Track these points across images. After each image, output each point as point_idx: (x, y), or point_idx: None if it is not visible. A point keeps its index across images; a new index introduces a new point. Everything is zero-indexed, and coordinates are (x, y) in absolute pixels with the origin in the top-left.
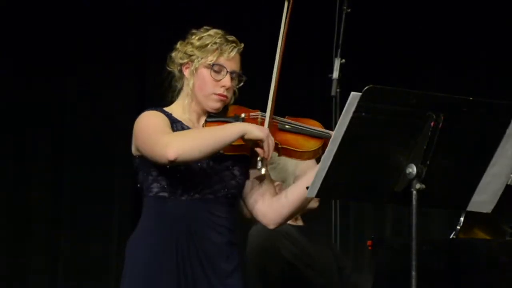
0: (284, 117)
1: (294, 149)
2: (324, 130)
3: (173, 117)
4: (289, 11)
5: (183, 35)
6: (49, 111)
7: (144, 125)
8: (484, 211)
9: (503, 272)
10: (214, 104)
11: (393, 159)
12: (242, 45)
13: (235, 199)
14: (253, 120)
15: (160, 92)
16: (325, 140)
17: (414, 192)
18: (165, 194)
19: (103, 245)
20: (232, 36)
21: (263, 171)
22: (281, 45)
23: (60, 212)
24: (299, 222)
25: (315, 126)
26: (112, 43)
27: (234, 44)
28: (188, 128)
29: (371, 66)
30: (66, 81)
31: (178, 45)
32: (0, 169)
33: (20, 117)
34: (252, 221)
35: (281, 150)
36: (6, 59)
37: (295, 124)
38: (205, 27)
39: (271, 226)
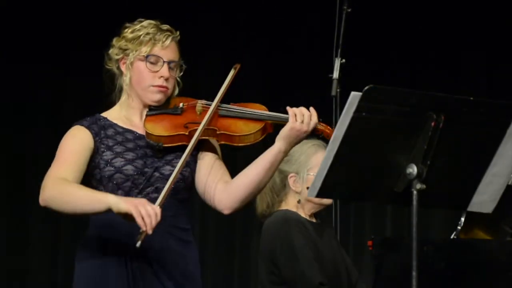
0: (228, 104)
1: (232, 133)
2: (266, 112)
3: (107, 121)
4: (232, 77)
5: (183, 35)
6: (49, 111)
7: (59, 147)
8: (485, 211)
9: (503, 272)
10: (153, 96)
11: (393, 159)
12: (178, 33)
13: (184, 193)
14: (192, 108)
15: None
16: (265, 122)
17: (415, 192)
18: None
19: None
20: (166, 25)
21: (138, 244)
22: (216, 102)
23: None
24: (313, 219)
25: (258, 109)
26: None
27: (168, 33)
28: (124, 129)
29: (371, 66)
30: (66, 81)
31: (113, 41)
32: (0, 168)
33: (20, 117)
34: (261, 216)
35: (220, 136)
36: (6, 59)
37: (235, 109)
38: (138, 19)
39: (226, 211)
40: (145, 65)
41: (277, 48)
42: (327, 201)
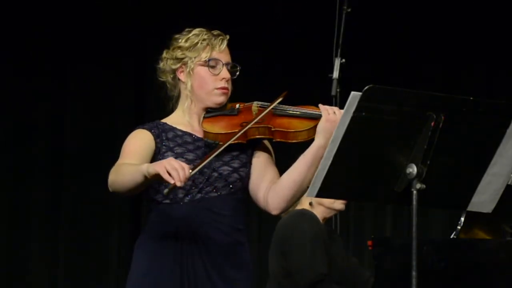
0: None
1: (286, 130)
2: (318, 111)
3: (167, 125)
4: (280, 99)
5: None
6: (49, 111)
7: (122, 148)
8: (485, 211)
9: (503, 272)
10: (218, 99)
11: (393, 159)
12: (228, 36)
13: (241, 193)
14: (248, 109)
15: (160, 97)
16: (319, 120)
17: (415, 192)
18: (168, 200)
19: (103, 245)
20: (217, 30)
21: (165, 191)
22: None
23: (60, 211)
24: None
25: (313, 109)
26: (112, 42)
27: (221, 37)
28: (183, 132)
29: (371, 66)
30: (66, 81)
31: (164, 54)
32: (1, 169)
33: (20, 117)
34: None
35: (275, 133)
36: (6, 59)
37: (290, 109)
38: (186, 30)
39: (275, 212)
40: (207, 69)
41: (277, 47)
42: (338, 205)
